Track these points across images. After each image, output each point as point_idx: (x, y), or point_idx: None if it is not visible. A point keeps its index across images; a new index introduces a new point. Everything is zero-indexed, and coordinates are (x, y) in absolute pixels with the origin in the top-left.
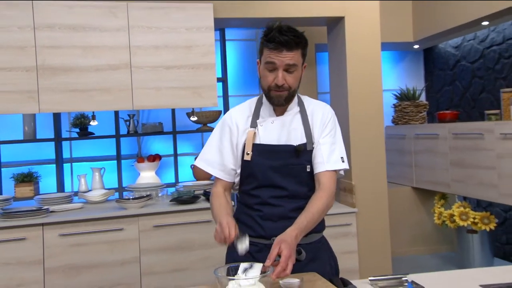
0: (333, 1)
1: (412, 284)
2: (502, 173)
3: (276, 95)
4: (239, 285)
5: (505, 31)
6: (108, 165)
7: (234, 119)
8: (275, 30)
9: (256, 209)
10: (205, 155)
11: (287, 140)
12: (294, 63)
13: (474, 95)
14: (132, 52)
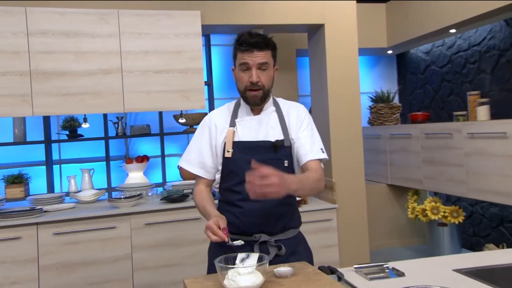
0: (313, 9)
1: (392, 271)
2: (469, 170)
3: (251, 95)
4: (238, 273)
5: (470, 38)
6: (97, 166)
7: (213, 120)
8: (245, 34)
9: (238, 205)
10: (187, 156)
11: (265, 137)
12: (266, 61)
13: (443, 98)
14: (123, 57)
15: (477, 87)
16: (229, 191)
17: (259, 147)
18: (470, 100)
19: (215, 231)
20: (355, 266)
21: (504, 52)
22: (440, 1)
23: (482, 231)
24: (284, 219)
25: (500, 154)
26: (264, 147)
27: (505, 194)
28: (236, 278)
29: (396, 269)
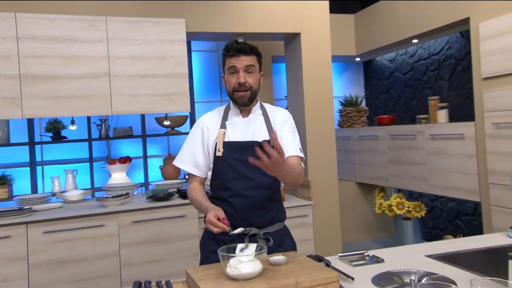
0: (290, 19)
1: (373, 258)
2: (431, 168)
3: (239, 95)
4: (240, 261)
5: (430, 48)
6: (79, 167)
7: (205, 123)
8: (232, 42)
9: (229, 201)
10: (181, 156)
11: (252, 137)
12: (252, 64)
13: (406, 102)
14: (111, 62)
15: (436, 92)
16: (220, 188)
17: (247, 146)
18: (431, 104)
19: (216, 223)
20: (339, 255)
21: (460, 61)
22: (404, 14)
23: (440, 224)
24: (271, 213)
25: (458, 154)
26: (252, 147)
27: (463, 190)
28: (238, 265)
29: (376, 256)
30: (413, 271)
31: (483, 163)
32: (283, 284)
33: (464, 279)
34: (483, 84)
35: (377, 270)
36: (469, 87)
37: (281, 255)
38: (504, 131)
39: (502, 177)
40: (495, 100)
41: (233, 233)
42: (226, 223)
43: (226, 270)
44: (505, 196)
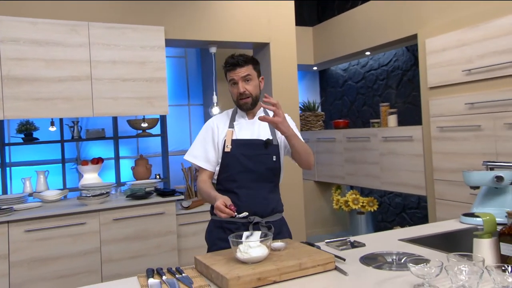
0: (261, 30)
1: (354, 243)
2: (383, 167)
3: (243, 102)
4: (249, 246)
5: (380, 59)
6: (49, 168)
7: (215, 123)
8: (229, 57)
9: (234, 191)
10: (192, 151)
11: (257, 136)
12: (248, 74)
13: (358, 108)
14: (93, 66)
15: (385, 99)
16: (228, 180)
17: (253, 144)
18: (382, 110)
19: (223, 209)
20: (326, 241)
21: (406, 72)
22: (359, 28)
23: (389, 217)
24: (272, 204)
25: (407, 154)
26: (257, 144)
27: (411, 186)
28: (248, 250)
29: (358, 242)
30: (394, 252)
31: (429, 162)
32: (289, 265)
33: (434, 256)
34: (429, 93)
35: (362, 252)
36: (414, 95)
37: (280, 242)
38: (447, 134)
39: (446, 174)
40: (440, 106)
41: (239, 217)
42: (233, 209)
43: (237, 255)
44: (448, 190)
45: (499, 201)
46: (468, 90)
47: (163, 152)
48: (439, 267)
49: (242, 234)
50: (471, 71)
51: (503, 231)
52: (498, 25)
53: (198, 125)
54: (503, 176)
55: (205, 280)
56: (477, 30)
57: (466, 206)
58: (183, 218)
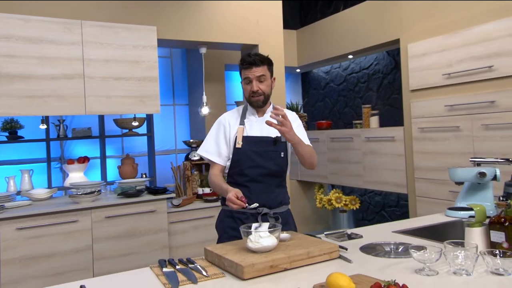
0: (250, 31)
1: (351, 235)
2: (366, 166)
3: (255, 100)
4: (260, 236)
5: (361, 63)
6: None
7: (227, 119)
8: (246, 55)
9: (245, 185)
10: (205, 147)
11: (267, 133)
12: (263, 74)
13: (339, 109)
14: (85, 64)
15: (366, 101)
16: (239, 174)
17: (263, 141)
18: (364, 112)
19: (235, 200)
20: (325, 233)
21: (386, 75)
22: (343, 32)
23: (369, 216)
24: (280, 197)
25: (389, 153)
26: (266, 141)
27: (393, 184)
28: (259, 240)
29: (355, 233)
30: (391, 242)
31: (410, 161)
32: (298, 253)
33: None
34: (411, 95)
35: (360, 243)
36: (394, 97)
37: (285, 233)
38: (428, 134)
39: (426, 172)
40: (421, 108)
41: (250, 207)
42: (244, 201)
43: (248, 245)
44: (428, 188)
45: (480, 195)
46: (447, 93)
47: (149, 152)
48: (439, 253)
49: (251, 225)
50: (450, 75)
51: (492, 220)
52: (476, 32)
53: (183, 125)
54: (486, 172)
55: (217, 269)
56: (456, 37)
57: (445, 203)
58: (173, 216)
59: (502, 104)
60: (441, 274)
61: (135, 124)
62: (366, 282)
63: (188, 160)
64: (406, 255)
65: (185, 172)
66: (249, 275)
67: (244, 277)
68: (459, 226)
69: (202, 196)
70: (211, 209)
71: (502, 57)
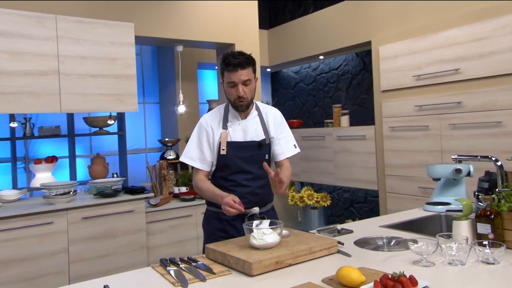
0: (226, 30)
1: (341, 230)
2: (337, 164)
3: (239, 104)
4: (263, 233)
5: (331, 63)
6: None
7: (209, 124)
8: (230, 56)
9: (231, 189)
10: (189, 153)
11: (251, 138)
12: (249, 78)
13: (309, 109)
14: (60, 61)
15: (335, 101)
16: (224, 179)
17: (247, 146)
18: (335, 111)
19: (233, 205)
20: (317, 229)
21: (355, 76)
22: (315, 33)
23: (337, 212)
24: (265, 197)
25: (361, 151)
26: (251, 146)
27: (364, 181)
28: (263, 237)
29: (345, 229)
30: (384, 236)
31: (381, 158)
32: (301, 249)
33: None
34: (382, 96)
35: (353, 238)
36: (363, 97)
37: (285, 229)
38: (398, 133)
39: (396, 169)
40: (391, 108)
41: (251, 213)
42: (242, 206)
43: (252, 242)
44: (398, 184)
45: (454, 191)
46: (417, 93)
47: (120, 151)
48: (435, 245)
49: (252, 222)
50: (420, 77)
51: (479, 213)
52: (444, 37)
53: (154, 123)
54: (462, 168)
55: (221, 266)
56: (425, 41)
57: (415, 198)
58: (151, 215)
59: (468, 105)
60: (438, 265)
61: (110, 122)
62: (372, 275)
63: (164, 159)
64: (401, 248)
65: (161, 171)
66: (257, 271)
67: (253, 274)
68: (437, 219)
69: (178, 195)
70: (188, 208)
71: (467, 61)
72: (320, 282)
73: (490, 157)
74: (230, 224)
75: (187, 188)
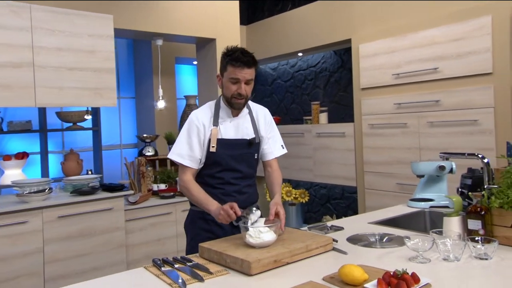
0: (208, 25)
1: (331, 227)
2: (316, 160)
3: (237, 102)
4: (260, 231)
5: (309, 61)
6: None
7: (200, 120)
8: (238, 52)
9: (219, 187)
10: (177, 150)
11: (242, 136)
12: (252, 78)
13: (286, 105)
14: (35, 52)
15: (313, 98)
16: (211, 176)
17: (238, 144)
18: (314, 108)
19: (230, 213)
20: (308, 226)
21: (333, 74)
22: (294, 30)
23: (314, 208)
24: (252, 196)
25: (340, 148)
26: (241, 144)
27: (343, 177)
28: (260, 235)
29: (336, 226)
30: (375, 233)
31: (360, 155)
32: (298, 247)
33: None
34: (361, 93)
35: (345, 235)
36: (341, 95)
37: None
38: (377, 131)
39: (375, 166)
40: (371, 106)
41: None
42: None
43: (248, 240)
44: (376, 181)
45: (437, 187)
46: (396, 91)
47: (95, 147)
48: (431, 242)
49: (247, 220)
50: (399, 75)
51: (470, 210)
52: (423, 36)
53: (129, 119)
54: (445, 165)
55: (217, 266)
56: (405, 40)
57: (393, 195)
58: (130, 213)
59: (446, 103)
60: (433, 261)
61: (87, 117)
62: (373, 272)
63: (142, 156)
64: (394, 245)
65: (140, 168)
66: (256, 270)
67: (252, 273)
68: (422, 215)
69: (158, 192)
70: (168, 206)
71: (445, 60)
72: (321, 281)
73: (477, 155)
74: (217, 224)
75: (166, 185)
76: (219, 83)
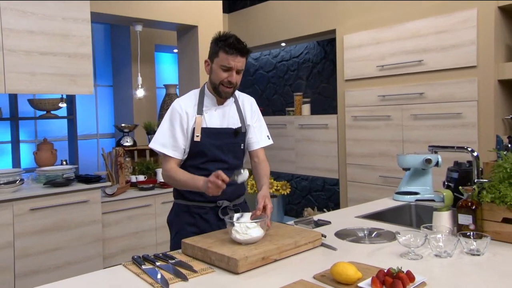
0: (189, 11)
1: (318, 221)
2: (298, 152)
3: (225, 90)
4: (247, 227)
5: (291, 51)
6: None
7: (183, 108)
8: (232, 38)
9: None
10: (159, 139)
11: (227, 125)
12: (243, 68)
13: (268, 96)
14: (4, 35)
15: (296, 89)
16: (196, 168)
17: (223, 133)
18: (296, 99)
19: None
20: (294, 221)
21: (316, 65)
22: (277, 19)
23: (295, 200)
24: (239, 188)
25: (322, 140)
26: (227, 133)
27: (325, 170)
28: (247, 231)
29: (322, 220)
30: (364, 228)
31: (342, 147)
32: (286, 243)
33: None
34: (345, 85)
35: (333, 229)
36: (324, 86)
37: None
38: (360, 123)
39: (357, 158)
40: (354, 98)
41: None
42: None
43: (235, 236)
44: (359, 173)
45: (422, 180)
46: (380, 84)
47: (70, 136)
48: (424, 238)
49: (233, 216)
50: (383, 67)
51: (460, 204)
52: (408, 28)
53: (106, 108)
54: (431, 159)
55: (202, 263)
56: (389, 31)
57: (375, 187)
58: (106, 206)
59: (430, 96)
60: (426, 258)
61: (62, 105)
62: (365, 270)
63: (120, 146)
64: (383, 240)
65: (118, 158)
66: (244, 269)
67: (239, 271)
68: (407, 209)
69: (136, 184)
70: (147, 198)
71: (430, 52)
72: (312, 279)
73: (466, 148)
74: (202, 218)
75: (145, 176)
76: (207, 69)
